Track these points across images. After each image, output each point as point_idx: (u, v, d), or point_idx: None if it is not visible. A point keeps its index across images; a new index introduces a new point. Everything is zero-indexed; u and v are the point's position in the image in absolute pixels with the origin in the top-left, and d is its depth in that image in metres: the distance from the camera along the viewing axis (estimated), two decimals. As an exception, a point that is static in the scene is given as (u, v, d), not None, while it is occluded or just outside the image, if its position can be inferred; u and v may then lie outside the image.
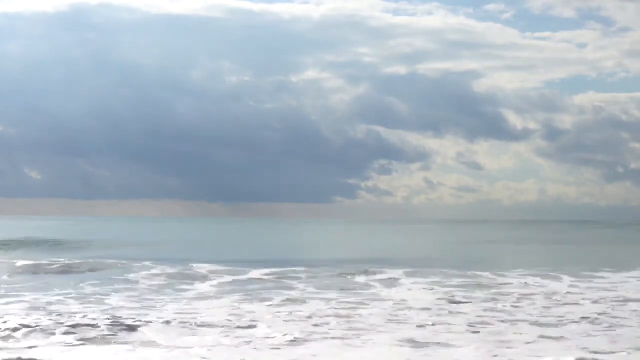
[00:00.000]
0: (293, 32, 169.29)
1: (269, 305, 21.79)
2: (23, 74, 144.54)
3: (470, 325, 18.19)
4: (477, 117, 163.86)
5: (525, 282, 29.36)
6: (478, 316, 19.86)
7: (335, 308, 21.18)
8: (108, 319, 18.14)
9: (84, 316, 18.62)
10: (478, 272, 33.11)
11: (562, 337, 16.74)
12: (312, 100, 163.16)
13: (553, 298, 24.19)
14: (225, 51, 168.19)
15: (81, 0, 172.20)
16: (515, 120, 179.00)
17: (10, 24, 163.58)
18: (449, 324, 18.47)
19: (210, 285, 27.74)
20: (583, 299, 24.10)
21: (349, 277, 31.51)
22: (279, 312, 20.33)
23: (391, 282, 29.36)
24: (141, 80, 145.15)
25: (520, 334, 17.14)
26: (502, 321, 19.01)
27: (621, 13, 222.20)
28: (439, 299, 23.78)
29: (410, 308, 21.36)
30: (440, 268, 35.69)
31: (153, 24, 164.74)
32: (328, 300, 23.17)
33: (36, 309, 20.39)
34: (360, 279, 30.83)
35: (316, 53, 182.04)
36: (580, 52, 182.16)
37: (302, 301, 23.00)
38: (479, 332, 17.40)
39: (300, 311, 20.47)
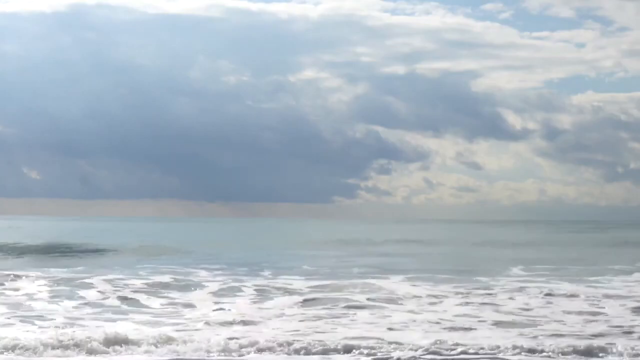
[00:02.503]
0: (291, 32, 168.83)
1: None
2: (21, 74, 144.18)
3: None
4: (476, 117, 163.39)
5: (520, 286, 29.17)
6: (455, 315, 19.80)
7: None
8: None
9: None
10: (476, 275, 32.98)
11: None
12: (311, 100, 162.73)
13: (540, 299, 23.98)
14: (224, 51, 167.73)
15: (79, 1, 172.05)
16: (514, 120, 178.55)
17: (7, 24, 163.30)
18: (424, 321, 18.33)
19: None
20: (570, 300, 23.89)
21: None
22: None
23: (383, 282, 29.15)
24: (140, 81, 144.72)
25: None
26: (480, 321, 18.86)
27: (620, 13, 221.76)
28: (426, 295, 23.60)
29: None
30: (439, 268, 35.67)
31: (151, 24, 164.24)
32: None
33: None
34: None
35: (314, 53, 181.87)
36: (579, 52, 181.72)
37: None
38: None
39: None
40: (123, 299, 23.57)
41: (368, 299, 23.68)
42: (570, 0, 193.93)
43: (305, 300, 23.24)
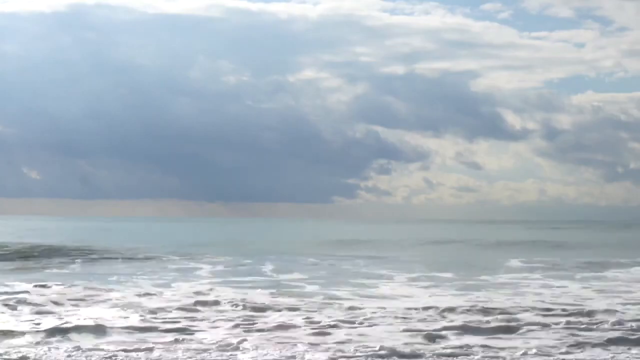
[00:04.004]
0: (290, 32, 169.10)
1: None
2: (21, 74, 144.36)
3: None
4: (476, 117, 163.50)
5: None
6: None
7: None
8: None
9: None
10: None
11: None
12: (311, 100, 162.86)
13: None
14: (224, 51, 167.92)
15: (79, 1, 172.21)
16: (513, 120, 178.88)
17: (7, 24, 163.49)
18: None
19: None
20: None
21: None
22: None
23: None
24: (139, 81, 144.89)
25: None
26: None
27: (619, 13, 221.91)
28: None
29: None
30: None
31: (151, 24, 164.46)
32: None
33: None
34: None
35: (314, 53, 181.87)
36: (579, 52, 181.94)
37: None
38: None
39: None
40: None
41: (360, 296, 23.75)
42: (570, 0, 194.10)
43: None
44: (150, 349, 14.46)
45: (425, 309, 20.01)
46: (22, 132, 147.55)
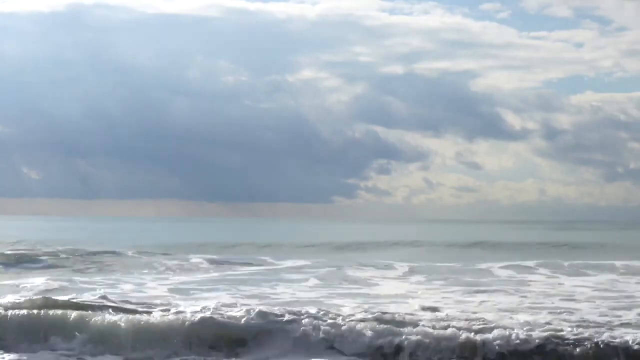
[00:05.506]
0: (289, 32, 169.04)
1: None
2: (19, 74, 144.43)
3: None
4: (476, 117, 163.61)
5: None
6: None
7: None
8: None
9: None
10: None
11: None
12: (310, 100, 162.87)
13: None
14: (222, 51, 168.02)
15: (77, 1, 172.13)
16: (513, 120, 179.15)
17: (5, 24, 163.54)
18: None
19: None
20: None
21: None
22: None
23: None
24: (138, 81, 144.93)
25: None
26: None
27: (618, 12, 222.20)
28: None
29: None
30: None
31: (149, 23, 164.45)
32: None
33: None
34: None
35: (313, 53, 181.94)
36: (578, 52, 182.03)
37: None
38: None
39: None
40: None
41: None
42: (569, 0, 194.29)
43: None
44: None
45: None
46: (22, 132, 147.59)
